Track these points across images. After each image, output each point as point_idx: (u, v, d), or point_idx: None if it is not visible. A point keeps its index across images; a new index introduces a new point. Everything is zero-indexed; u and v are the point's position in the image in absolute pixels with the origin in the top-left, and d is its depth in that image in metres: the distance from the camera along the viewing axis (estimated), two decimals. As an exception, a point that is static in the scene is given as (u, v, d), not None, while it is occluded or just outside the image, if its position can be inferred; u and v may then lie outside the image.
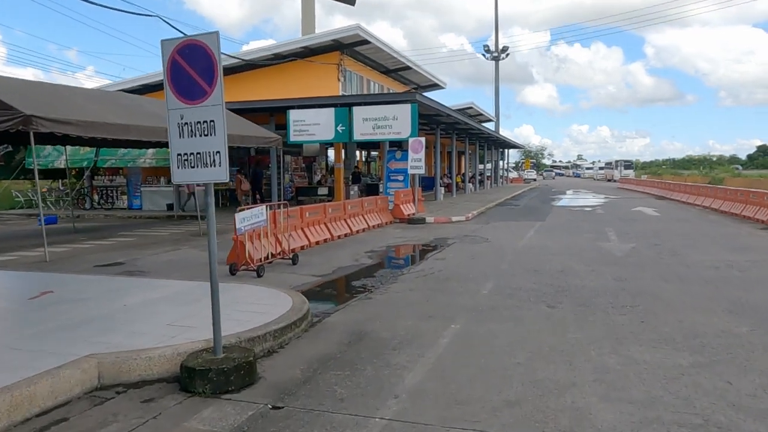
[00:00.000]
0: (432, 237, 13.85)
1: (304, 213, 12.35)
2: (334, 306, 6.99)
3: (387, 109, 17.70)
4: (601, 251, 11.03)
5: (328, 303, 7.33)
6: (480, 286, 7.95)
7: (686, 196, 25.40)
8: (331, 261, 10.42)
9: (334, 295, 7.92)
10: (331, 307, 6.95)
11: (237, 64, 23.92)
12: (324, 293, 7.95)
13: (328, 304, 7.25)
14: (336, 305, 7.02)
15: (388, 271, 9.35)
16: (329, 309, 6.81)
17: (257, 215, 9.18)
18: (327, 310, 6.78)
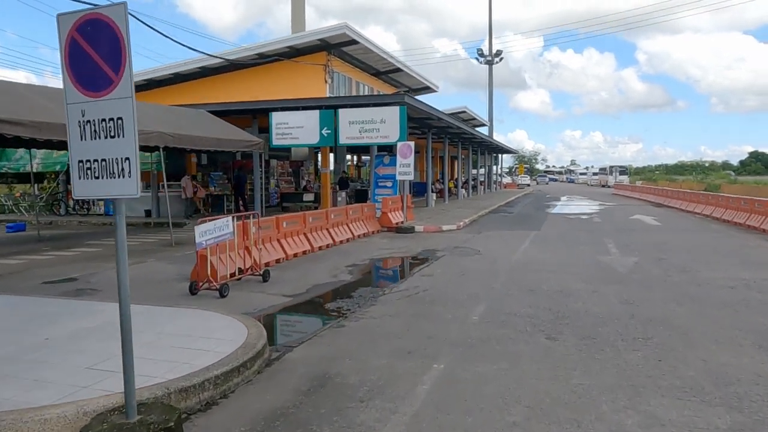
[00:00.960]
0: (420, 248, 12.91)
1: (281, 223, 11.38)
2: (300, 337, 6.02)
3: (374, 111, 16.78)
4: (602, 267, 10.12)
5: (293, 332, 6.37)
6: (469, 310, 7.01)
7: (685, 203, 24.59)
8: (307, 277, 9.46)
9: (302, 321, 6.95)
10: (297, 338, 5.98)
11: (220, 64, 22.96)
12: (291, 319, 6.99)
13: (293, 333, 6.30)
14: (302, 335, 6.06)
15: (368, 290, 8.39)
16: (293, 341, 5.84)
17: (222, 227, 8.22)
18: (290, 342, 5.81)
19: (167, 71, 23.15)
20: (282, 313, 7.12)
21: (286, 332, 6.44)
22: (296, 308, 7.38)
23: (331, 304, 7.58)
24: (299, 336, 6.05)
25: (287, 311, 7.21)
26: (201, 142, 14.97)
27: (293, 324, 6.78)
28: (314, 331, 6.14)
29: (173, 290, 8.34)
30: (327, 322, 6.54)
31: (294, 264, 10.82)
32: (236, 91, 22.20)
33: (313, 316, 7.05)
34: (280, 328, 6.63)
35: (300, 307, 7.43)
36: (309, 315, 7.15)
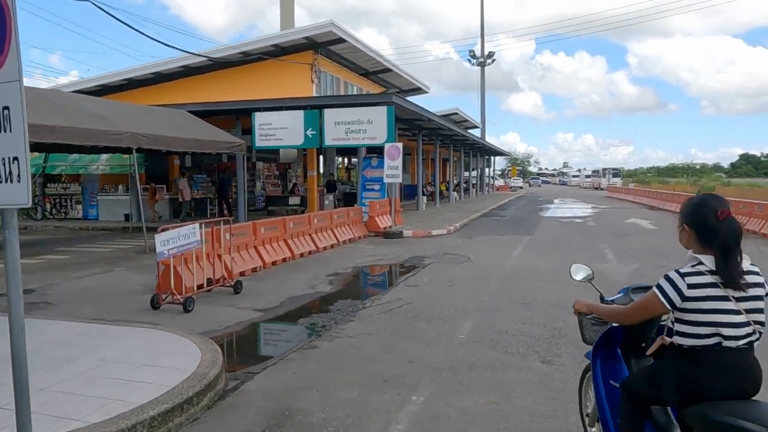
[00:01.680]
0: (407, 255, 12.25)
1: (258, 229, 10.69)
2: (264, 361, 5.34)
3: (361, 111, 16.12)
4: (599, 275, 9.44)
5: (257, 355, 5.69)
6: (456, 327, 6.36)
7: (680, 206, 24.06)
8: (283, 287, 8.78)
9: (269, 341, 6.26)
10: (260, 362, 5.29)
11: (204, 63, 22.24)
12: (257, 339, 6.31)
13: (257, 357, 5.61)
14: (267, 359, 5.37)
15: (348, 303, 7.72)
16: (256, 366, 5.16)
17: (187, 235, 7.53)
18: (253, 367, 5.13)
19: (148, 70, 22.39)
20: (249, 331, 6.43)
21: (249, 355, 5.75)
22: (265, 325, 6.70)
23: (305, 319, 6.90)
24: (263, 360, 5.36)
25: (255, 329, 6.53)
26: (178, 144, 14.26)
27: (259, 344, 6.10)
28: (281, 354, 5.47)
29: (134, 304, 7.64)
30: (297, 343, 5.86)
31: (271, 273, 10.13)
32: (220, 91, 21.48)
33: (283, 335, 6.38)
34: (242, 351, 5.95)
35: (269, 324, 6.75)
36: (278, 333, 6.47)
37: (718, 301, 2.30)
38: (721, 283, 2.30)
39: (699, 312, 2.31)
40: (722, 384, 2.28)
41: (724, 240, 2.32)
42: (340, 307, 7.41)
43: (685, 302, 2.33)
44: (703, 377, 2.30)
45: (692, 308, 2.32)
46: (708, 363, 2.31)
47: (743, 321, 2.29)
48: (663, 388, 2.42)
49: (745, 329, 2.30)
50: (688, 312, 2.33)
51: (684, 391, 2.33)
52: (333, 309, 7.35)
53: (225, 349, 5.86)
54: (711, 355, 2.31)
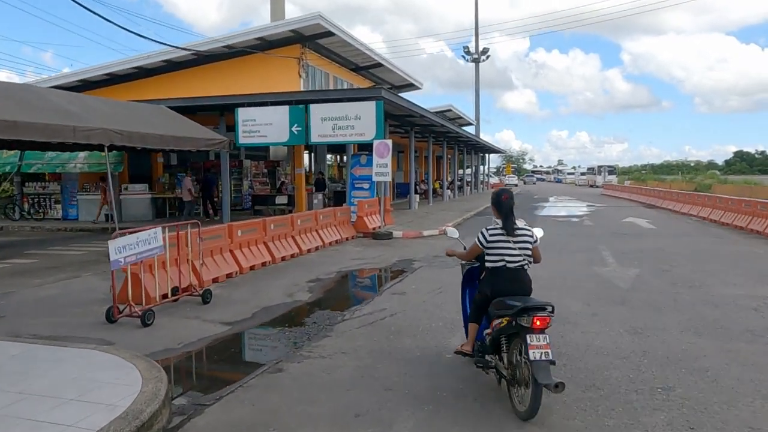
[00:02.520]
0: (396, 258, 11.58)
1: (235, 231, 9.98)
2: (220, 389, 4.64)
3: (349, 107, 15.40)
4: (599, 281, 8.85)
5: (213, 381, 4.98)
6: (443, 343, 5.69)
7: (679, 205, 23.49)
8: (258, 296, 8.09)
9: (230, 363, 5.54)
10: (216, 390, 4.60)
11: (188, 57, 21.46)
12: (216, 360, 5.60)
13: (213, 383, 4.91)
14: (224, 386, 4.68)
15: (326, 314, 7.03)
16: (210, 396, 4.47)
17: (148, 240, 6.82)
18: (206, 397, 4.44)
19: (129, 65, 21.55)
20: (210, 350, 5.73)
21: (205, 381, 5.04)
22: (230, 343, 6.00)
23: (276, 335, 6.21)
24: (220, 387, 4.66)
25: (217, 347, 5.82)
26: (155, 141, 13.47)
27: (218, 367, 5.39)
28: (242, 380, 4.77)
29: (91, 316, 6.94)
30: (262, 365, 5.16)
31: (248, 279, 9.43)
32: (205, 86, 20.69)
33: (248, 355, 5.68)
34: (197, 376, 5.24)
35: (235, 341, 6.05)
36: (242, 353, 5.76)
37: (503, 242, 4.23)
38: (505, 233, 4.24)
39: (494, 248, 4.26)
40: (508, 286, 4.21)
41: (505, 210, 4.26)
42: (316, 320, 6.72)
43: (488, 243, 4.27)
44: (498, 282, 4.25)
45: (491, 246, 4.26)
46: (500, 275, 4.25)
47: (517, 254, 4.23)
48: (486, 288, 4.34)
49: (518, 258, 4.24)
50: (490, 249, 4.27)
51: (492, 290, 4.25)
52: (309, 322, 6.66)
53: (177, 374, 5.18)
54: (501, 271, 4.25)
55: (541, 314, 3.79)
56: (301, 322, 6.67)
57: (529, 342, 3.75)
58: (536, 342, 3.76)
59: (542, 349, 3.73)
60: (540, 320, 3.78)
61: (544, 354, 3.72)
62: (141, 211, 20.25)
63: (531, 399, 3.76)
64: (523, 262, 4.24)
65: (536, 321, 3.77)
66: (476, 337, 4.55)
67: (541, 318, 3.78)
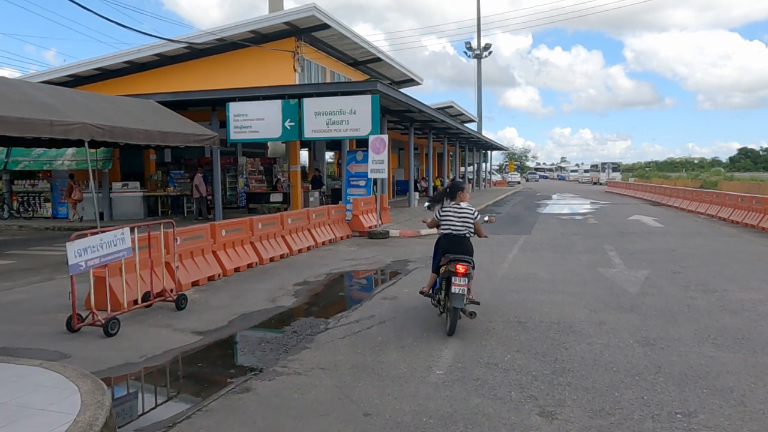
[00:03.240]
0: (390, 258, 10.99)
1: (218, 231, 9.41)
2: (173, 413, 4.07)
3: (343, 101, 14.81)
4: (606, 284, 8.25)
5: (168, 404, 4.40)
6: (434, 357, 5.11)
7: (686, 202, 22.84)
8: (238, 301, 7.52)
9: (192, 381, 4.95)
10: (168, 416, 4.03)
11: (180, 51, 20.89)
12: (178, 377, 5.03)
13: (166, 406, 4.33)
14: (179, 410, 4.11)
15: (308, 322, 6.45)
16: (162, 423, 3.90)
17: (114, 242, 6.26)
18: (157, 423, 3.87)
19: (120, 59, 20.99)
20: (173, 364, 5.16)
21: (159, 404, 4.46)
22: (198, 356, 5.42)
23: (251, 346, 5.63)
24: (175, 412, 4.09)
25: (183, 362, 5.26)
26: (140, 136, 12.90)
27: (178, 386, 4.82)
28: (202, 402, 4.20)
29: (53, 325, 6.40)
30: (228, 383, 4.59)
31: (231, 282, 8.86)
32: (198, 81, 20.16)
33: (215, 370, 5.09)
34: (151, 397, 4.65)
35: (204, 355, 5.47)
36: (209, 368, 5.17)
37: (451, 216, 6.00)
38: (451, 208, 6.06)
39: (444, 220, 6.03)
40: (453, 247, 5.84)
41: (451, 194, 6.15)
42: (297, 328, 6.15)
43: (441, 217, 6.10)
44: (447, 244, 5.90)
45: (443, 219, 6.06)
46: (448, 239, 5.93)
47: (460, 226, 5.95)
48: (439, 247, 6.05)
49: (461, 229, 5.95)
50: (442, 220, 6.07)
51: (443, 249, 5.91)
52: (289, 330, 6.09)
53: (129, 395, 4.62)
54: (449, 236, 5.94)
55: (462, 263, 5.61)
56: (281, 332, 6.10)
57: (453, 281, 5.53)
58: (457, 282, 5.51)
59: (460, 287, 5.50)
60: (461, 266, 5.57)
61: (460, 290, 5.50)
62: (132, 210, 19.72)
63: (450, 320, 5.64)
64: (464, 231, 6.03)
65: (458, 267, 5.57)
66: (433, 285, 6.33)
67: (461, 265, 5.58)
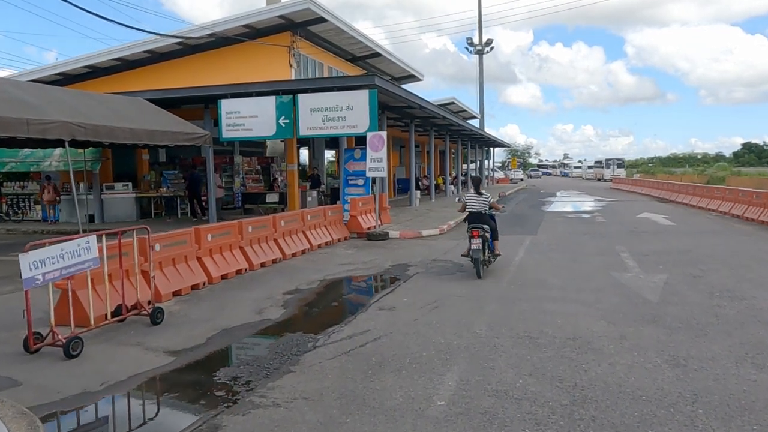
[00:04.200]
0: (389, 263, 10.35)
1: (203, 236, 8.76)
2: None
3: (339, 96, 14.15)
4: (622, 291, 7.59)
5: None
6: (435, 383, 4.46)
7: (696, 198, 22.13)
8: (222, 313, 6.88)
9: (157, 414, 4.31)
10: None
11: (173, 48, 20.26)
12: (143, 407, 4.40)
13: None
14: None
15: (295, 338, 5.81)
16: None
17: (78, 252, 5.65)
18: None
19: (110, 56, 20.33)
20: (135, 394, 4.52)
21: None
22: (166, 382, 4.79)
23: (227, 370, 4.98)
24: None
25: (147, 389, 4.62)
26: (125, 135, 12.29)
27: (135, 422, 4.17)
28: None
29: (13, 343, 5.79)
30: (196, 418, 3.95)
31: (216, 291, 8.22)
32: (191, 78, 19.48)
33: (182, 402, 4.44)
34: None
35: (173, 380, 4.83)
36: (176, 398, 4.53)
37: (472, 201, 9.00)
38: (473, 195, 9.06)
39: (469, 203, 9.02)
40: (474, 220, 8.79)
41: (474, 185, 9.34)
42: (282, 347, 5.51)
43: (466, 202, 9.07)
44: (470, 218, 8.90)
45: (467, 202, 9.05)
46: (471, 215, 8.93)
47: (479, 206, 8.90)
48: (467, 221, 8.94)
49: (479, 207, 8.90)
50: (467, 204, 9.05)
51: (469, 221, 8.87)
52: (272, 349, 5.45)
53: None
54: (471, 213, 8.95)
55: (475, 230, 8.46)
56: (263, 351, 5.46)
57: (471, 242, 8.48)
58: (474, 242, 8.43)
59: (476, 244, 8.40)
60: (475, 232, 8.44)
61: (476, 246, 8.39)
62: (124, 211, 19.13)
63: (474, 267, 8.54)
64: (482, 209, 8.87)
65: (473, 232, 8.45)
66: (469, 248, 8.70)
67: (475, 231, 8.45)
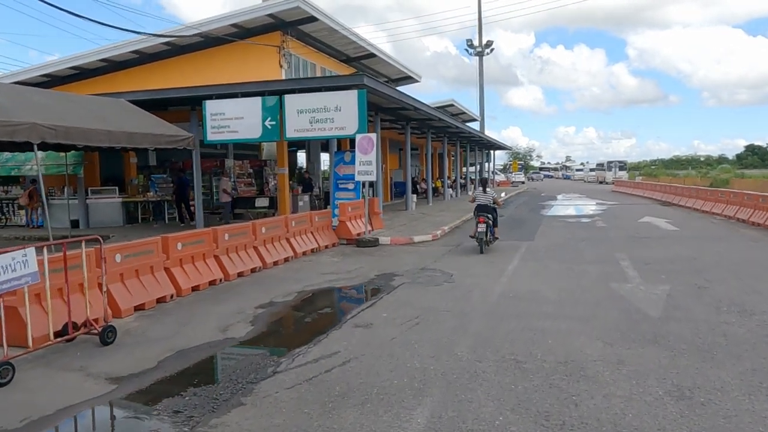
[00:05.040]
0: (375, 272, 9.76)
1: (172, 246, 8.18)
2: None
3: (327, 97, 13.57)
4: (621, 305, 6.98)
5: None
6: (402, 419, 3.87)
7: (700, 202, 21.50)
8: (183, 331, 6.30)
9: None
10: None
11: (161, 49, 19.73)
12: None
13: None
14: None
15: (256, 361, 5.22)
16: None
17: (12, 266, 5.10)
18: None
19: (96, 56, 19.79)
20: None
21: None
22: (98, 418, 4.20)
23: (171, 401, 4.39)
24: None
25: (71, 427, 4.04)
26: (101, 138, 11.69)
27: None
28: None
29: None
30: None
31: (184, 304, 7.64)
32: (179, 79, 18.94)
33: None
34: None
35: (105, 415, 4.25)
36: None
37: (481, 195, 12.07)
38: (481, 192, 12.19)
39: (477, 197, 12.10)
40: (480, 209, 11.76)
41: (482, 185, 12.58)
42: (238, 372, 4.92)
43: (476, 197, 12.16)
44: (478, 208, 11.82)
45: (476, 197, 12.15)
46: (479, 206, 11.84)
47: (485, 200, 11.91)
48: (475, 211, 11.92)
49: (485, 201, 11.87)
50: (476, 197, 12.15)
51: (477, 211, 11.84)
52: (227, 375, 4.86)
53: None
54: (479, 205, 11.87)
55: (482, 217, 11.48)
56: (216, 377, 4.88)
57: (477, 226, 11.38)
58: (479, 227, 11.34)
59: (481, 228, 11.30)
60: (480, 219, 11.43)
61: (481, 229, 11.30)
62: (110, 217, 18.59)
63: (479, 246, 11.46)
64: (487, 202, 11.73)
65: (479, 219, 11.45)
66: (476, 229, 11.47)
67: (481, 218, 11.44)
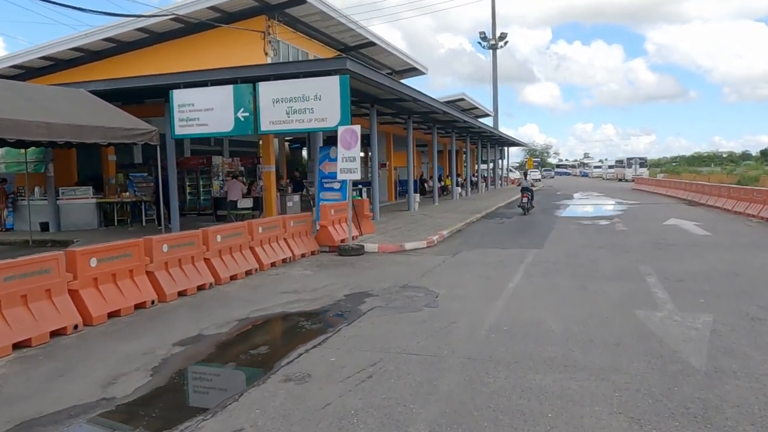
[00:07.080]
0: (347, 290, 8.07)
1: (83, 262, 6.56)
2: None
3: (305, 84, 11.90)
4: (651, 347, 5.20)
5: None
6: None
7: (731, 202, 19.43)
8: (55, 384, 4.68)
9: None
10: None
11: (137, 37, 18.22)
12: None
13: None
14: None
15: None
16: None
17: None
18: None
19: (68, 45, 18.30)
20: None
21: None
22: None
23: None
24: None
25: None
26: (41, 131, 10.17)
27: None
28: None
29: None
30: None
31: (89, 338, 6.02)
32: (157, 69, 17.43)
33: None
34: None
35: None
36: None
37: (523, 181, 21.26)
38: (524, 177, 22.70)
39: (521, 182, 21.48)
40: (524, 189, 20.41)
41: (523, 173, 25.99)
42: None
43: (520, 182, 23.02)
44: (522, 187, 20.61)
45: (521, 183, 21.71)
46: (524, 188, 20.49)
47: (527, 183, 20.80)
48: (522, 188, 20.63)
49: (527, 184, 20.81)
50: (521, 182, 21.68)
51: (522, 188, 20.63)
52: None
53: None
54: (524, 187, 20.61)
55: (524, 192, 19.96)
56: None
57: (522, 199, 19.92)
58: (523, 199, 19.89)
59: (525, 200, 19.81)
60: (524, 195, 19.88)
61: (525, 201, 19.80)
62: (84, 219, 17.14)
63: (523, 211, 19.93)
64: (527, 185, 20.55)
65: (524, 195, 19.94)
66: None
67: (524, 195, 19.87)
